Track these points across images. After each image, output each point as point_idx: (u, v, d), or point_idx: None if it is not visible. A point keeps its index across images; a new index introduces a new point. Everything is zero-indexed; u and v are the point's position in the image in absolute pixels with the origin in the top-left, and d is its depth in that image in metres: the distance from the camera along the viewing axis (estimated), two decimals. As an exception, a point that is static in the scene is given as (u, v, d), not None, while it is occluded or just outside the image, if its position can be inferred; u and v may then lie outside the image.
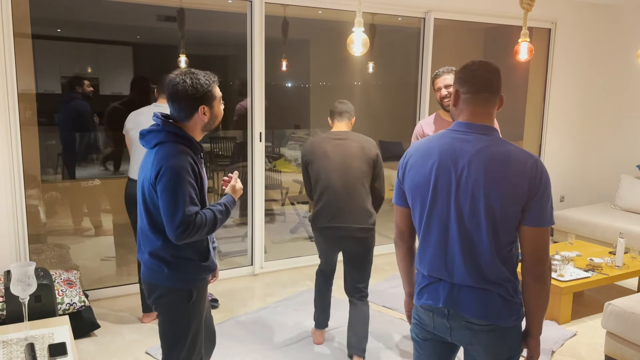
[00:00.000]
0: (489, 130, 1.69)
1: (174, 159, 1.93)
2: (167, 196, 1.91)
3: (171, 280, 2.03)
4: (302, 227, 5.77)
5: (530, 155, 1.63)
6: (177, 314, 2.08)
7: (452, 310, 1.68)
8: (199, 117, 2.03)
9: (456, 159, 1.65)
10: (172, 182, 1.90)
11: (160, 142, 1.99)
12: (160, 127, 2.00)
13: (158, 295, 2.07)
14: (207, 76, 2.02)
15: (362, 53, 2.76)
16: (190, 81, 1.98)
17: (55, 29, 5.09)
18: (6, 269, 3.22)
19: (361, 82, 6.80)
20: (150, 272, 2.06)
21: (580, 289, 3.74)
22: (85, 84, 4.88)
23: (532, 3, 3.23)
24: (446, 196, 1.66)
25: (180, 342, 2.09)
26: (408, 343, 3.36)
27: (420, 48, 5.03)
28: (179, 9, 4.66)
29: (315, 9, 4.65)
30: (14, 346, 2.16)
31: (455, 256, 1.67)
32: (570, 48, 5.76)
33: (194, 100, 1.99)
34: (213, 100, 2.04)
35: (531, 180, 1.58)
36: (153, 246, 2.03)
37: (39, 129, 4.15)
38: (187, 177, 1.93)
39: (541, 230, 1.61)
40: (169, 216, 1.91)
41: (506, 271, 1.65)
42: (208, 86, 2.01)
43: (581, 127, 6.04)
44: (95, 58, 5.57)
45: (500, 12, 5.16)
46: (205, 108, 2.02)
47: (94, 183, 5.18)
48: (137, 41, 5.65)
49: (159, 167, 1.93)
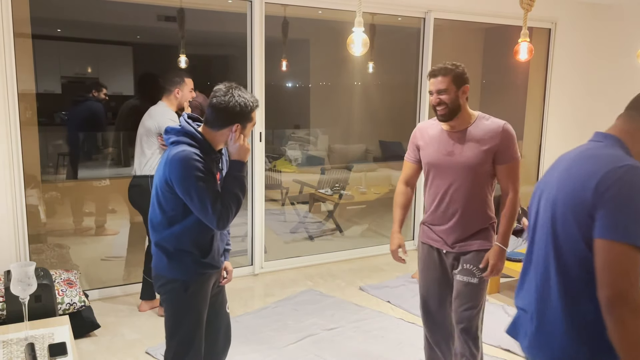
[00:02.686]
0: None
1: (182, 156, 2.01)
2: (191, 197, 2.00)
3: (170, 270, 2.14)
4: (302, 227, 5.77)
5: None
6: (175, 304, 2.18)
7: None
8: (229, 131, 2.09)
9: None
10: (187, 183, 1.99)
11: (175, 141, 2.09)
12: (179, 128, 2.10)
13: (160, 284, 2.19)
14: (252, 99, 2.11)
15: (362, 53, 2.76)
16: (238, 97, 2.06)
17: (55, 29, 5.09)
18: (6, 269, 3.22)
19: (361, 82, 6.81)
20: (156, 261, 2.19)
21: (580, 289, 3.73)
22: (102, 91, 4.94)
23: (532, 3, 3.23)
24: None
25: (177, 332, 2.19)
26: (408, 343, 3.36)
27: (420, 48, 5.03)
28: (179, 9, 4.66)
29: (315, 9, 4.65)
30: (14, 346, 2.16)
31: None
32: (570, 48, 5.76)
33: (233, 115, 2.06)
34: (248, 122, 2.11)
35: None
36: (158, 237, 2.15)
37: (39, 129, 4.15)
38: (197, 172, 2.00)
39: None
40: (202, 215, 2.03)
41: None
42: (250, 108, 2.09)
43: (581, 127, 6.04)
44: (95, 58, 5.58)
45: (500, 12, 5.16)
46: (238, 127, 2.09)
47: (105, 183, 5.20)
48: (137, 41, 5.66)
49: (170, 166, 2.02)
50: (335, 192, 5.91)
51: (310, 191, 6.15)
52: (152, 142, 3.47)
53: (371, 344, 3.33)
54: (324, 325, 3.57)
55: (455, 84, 2.40)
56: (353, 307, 3.88)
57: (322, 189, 6.02)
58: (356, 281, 4.43)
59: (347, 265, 4.84)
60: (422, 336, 2.66)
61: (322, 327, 3.55)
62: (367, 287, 4.26)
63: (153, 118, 3.45)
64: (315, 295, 4.08)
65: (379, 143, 7.31)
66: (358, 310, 3.82)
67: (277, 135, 7.13)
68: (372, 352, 3.23)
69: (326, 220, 5.97)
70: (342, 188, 6.03)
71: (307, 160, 7.01)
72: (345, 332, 3.49)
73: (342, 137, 7.31)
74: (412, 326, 3.59)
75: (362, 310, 3.83)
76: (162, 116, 3.43)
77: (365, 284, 4.36)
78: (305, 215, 6.15)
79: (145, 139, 3.48)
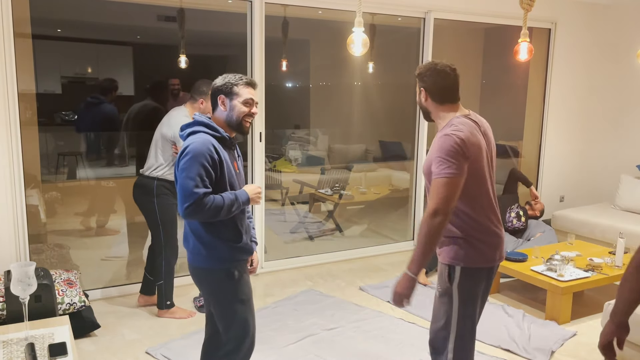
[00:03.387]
0: None
1: (195, 143, 2.11)
2: (181, 175, 2.09)
3: (210, 260, 2.19)
4: (302, 227, 5.77)
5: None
6: (223, 294, 2.23)
7: None
8: (218, 108, 2.23)
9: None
10: (187, 163, 2.08)
11: (191, 132, 2.20)
12: (195, 120, 2.23)
13: (201, 278, 2.23)
14: (237, 76, 2.23)
15: (362, 53, 2.77)
16: (220, 77, 2.24)
17: (55, 29, 5.09)
18: (6, 269, 3.22)
19: (361, 82, 6.80)
20: (194, 256, 2.22)
21: (580, 289, 3.74)
22: (114, 93, 4.97)
23: (532, 3, 3.23)
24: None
25: (233, 322, 2.24)
26: (408, 343, 3.36)
27: (420, 48, 5.03)
28: (179, 9, 4.66)
29: (315, 9, 4.65)
30: (14, 346, 2.16)
31: None
32: (570, 48, 5.76)
33: (214, 91, 2.23)
34: (234, 95, 2.21)
35: None
36: (193, 227, 2.20)
37: (39, 129, 4.15)
38: (203, 160, 2.09)
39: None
40: (180, 193, 2.09)
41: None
42: (231, 82, 2.21)
43: (581, 127, 6.04)
44: (95, 58, 5.57)
45: (500, 12, 5.16)
46: (222, 97, 2.21)
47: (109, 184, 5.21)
48: (137, 41, 5.65)
49: (182, 151, 2.13)
50: (335, 192, 5.91)
51: (310, 191, 6.15)
52: (166, 149, 3.47)
53: (371, 344, 3.33)
54: (324, 325, 3.57)
55: (418, 85, 2.28)
56: (353, 307, 3.88)
57: (322, 189, 6.02)
58: (356, 281, 4.43)
59: (347, 265, 4.84)
60: (427, 340, 2.50)
61: (322, 327, 3.55)
62: (367, 287, 4.26)
63: (171, 126, 3.42)
64: (315, 295, 4.08)
65: (379, 143, 7.31)
66: (358, 310, 3.83)
67: (277, 135, 7.12)
68: (372, 352, 3.23)
69: (326, 220, 5.97)
70: (342, 188, 6.03)
71: (307, 160, 7.01)
72: (345, 332, 3.49)
73: (342, 137, 7.30)
74: (412, 326, 3.59)
75: (362, 310, 3.83)
76: (179, 127, 3.38)
77: (365, 284, 4.36)
78: (305, 215, 6.15)
79: (160, 145, 3.48)
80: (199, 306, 3.83)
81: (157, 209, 3.47)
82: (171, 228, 3.56)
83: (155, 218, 3.50)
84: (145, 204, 3.51)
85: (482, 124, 2.25)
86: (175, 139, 3.40)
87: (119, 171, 5.39)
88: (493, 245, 2.22)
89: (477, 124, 2.20)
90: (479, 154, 2.15)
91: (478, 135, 2.17)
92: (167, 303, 3.65)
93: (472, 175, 2.14)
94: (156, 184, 3.46)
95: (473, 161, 2.12)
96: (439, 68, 2.21)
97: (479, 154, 2.14)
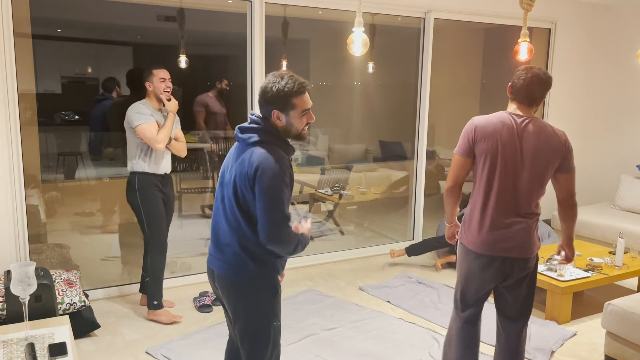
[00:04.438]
0: None
1: (275, 161, 1.93)
2: (267, 196, 1.90)
3: (257, 276, 2.02)
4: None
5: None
6: (264, 311, 2.06)
7: None
8: (274, 119, 2.02)
9: None
10: (272, 181, 1.90)
11: (258, 140, 1.98)
12: (262, 126, 2.00)
13: (243, 294, 2.04)
14: (287, 83, 1.98)
15: (362, 53, 2.77)
16: (267, 84, 2.00)
17: (55, 29, 5.09)
18: (6, 269, 3.22)
19: (361, 82, 6.80)
20: (231, 268, 2.03)
21: (580, 288, 3.74)
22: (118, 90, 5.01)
23: (532, 3, 3.23)
24: None
25: (269, 337, 2.08)
26: (408, 343, 3.36)
27: (420, 48, 5.03)
28: (179, 9, 4.66)
29: (315, 9, 4.65)
30: (14, 346, 2.16)
31: None
32: (570, 48, 5.76)
33: (263, 103, 2.02)
34: (289, 109, 2.00)
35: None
36: (243, 239, 2.00)
37: (39, 129, 4.15)
38: (282, 184, 1.93)
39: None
40: (269, 215, 1.91)
41: None
42: (282, 95, 1.97)
43: (581, 127, 6.04)
44: (95, 58, 5.57)
45: (500, 12, 5.16)
46: (277, 113, 2.00)
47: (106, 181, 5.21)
48: (137, 41, 5.65)
49: (262, 166, 1.92)
50: (335, 192, 5.91)
51: (310, 191, 6.15)
52: (130, 140, 3.46)
53: (371, 344, 3.33)
54: (324, 325, 3.57)
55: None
56: (353, 307, 3.88)
57: (322, 189, 6.02)
58: (356, 281, 4.43)
59: (347, 265, 4.84)
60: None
61: (322, 327, 3.55)
62: (367, 287, 4.26)
63: (126, 115, 3.44)
64: (315, 295, 4.08)
65: (379, 143, 7.31)
66: (358, 310, 3.83)
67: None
68: (372, 352, 3.23)
69: (326, 220, 5.97)
70: (342, 188, 6.03)
71: (307, 160, 7.01)
72: (345, 332, 3.49)
73: (342, 137, 7.30)
74: (412, 326, 3.59)
75: (362, 310, 3.83)
76: (130, 110, 3.42)
77: (365, 284, 4.36)
78: (306, 215, 6.15)
79: (129, 138, 3.49)
80: (199, 306, 3.83)
81: (141, 203, 3.46)
82: (156, 223, 3.51)
83: (140, 214, 3.49)
84: (130, 199, 3.51)
85: (527, 128, 2.40)
86: (129, 124, 3.38)
87: (119, 171, 5.40)
88: (482, 238, 2.45)
89: (517, 124, 2.40)
90: (496, 149, 2.38)
91: (505, 131, 2.38)
92: (154, 303, 3.57)
93: (482, 165, 2.43)
94: (137, 177, 3.44)
95: (483, 151, 2.40)
96: (518, 72, 2.52)
97: (495, 149, 2.38)
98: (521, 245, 2.41)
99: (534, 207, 2.43)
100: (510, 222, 2.40)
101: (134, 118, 3.36)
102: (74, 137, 5.43)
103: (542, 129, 2.40)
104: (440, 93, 5.50)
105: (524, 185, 2.38)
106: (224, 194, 2.06)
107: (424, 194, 5.25)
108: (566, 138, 2.43)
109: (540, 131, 2.40)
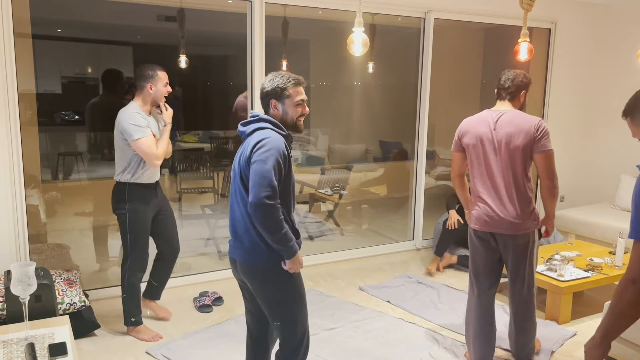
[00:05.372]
0: None
1: (272, 138, 2.13)
2: (260, 165, 2.07)
3: (272, 258, 2.17)
4: (302, 227, 5.77)
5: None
6: (288, 290, 2.23)
7: None
8: (270, 111, 2.26)
9: None
10: (266, 154, 2.08)
11: (258, 127, 2.21)
12: (259, 117, 2.25)
13: (263, 278, 2.21)
14: (284, 77, 2.24)
15: (362, 53, 2.77)
16: (267, 79, 2.25)
17: (55, 29, 5.09)
18: (6, 269, 3.22)
19: (361, 82, 6.80)
20: (251, 254, 2.19)
21: (580, 288, 3.74)
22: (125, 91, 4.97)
23: (532, 3, 3.23)
24: None
25: (299, 317, 2.27)
26: (408, 343, 3.36)
27: (420, 48, 5.03)
28: (179, 9, 4.66)
29: (315, 9, 4.65)
30: (14, 346, 2.16)
31: None
32: (570, 48, 5.76)
33: (264, 95, 2.26)
34: (285, 98, 2.23)
35: None
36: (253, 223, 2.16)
37: (39, 129, 4.15)
38: (279, 156, 2.10)
39: None
40: (258, 180, 2.06)
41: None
42: (280, 86, 2.22)
43: (581, 127, 6.04)
44: (95, 58, 5.57)
45: (500, 12, 5.16)
46: (274, 102, 2.24)
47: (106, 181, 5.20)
48: (137, 41, 5.65)
49: (257, 141, 2.12)
50: (335, 192, 5.91)
51: (310, 191, 6.15)
52: (126, 150, 3.17)
53: (371, 344, 3.33)
54: (324, 325, 3.57)
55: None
56: (353, 307, 3.88)
57: (322, 189, 6.02)
58: (356, 281, 4.43)
59: (347, 265, 4.84)
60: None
61: (322, 327, 3.55)
62: (367, 287, 4.26)
63: (118, 124, 3.15)
64: (315, 295, 4.08)
65: (379, 143, 7.31)
66: (358, 310, 3.83)
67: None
68: (372, 352, 3.23)
69: (326, 220, 5.97)
70: (342, 188, 6.03)
71: (307, 160, 7.01)
72: (346, 332, 3.49)
73: (342, 137, 7.30)
74: (412, 326, 3.59)
75: (362, 310, 3.83)
76: (124, 120, 3.12)
77: (365, 284, 4.36)
78: (305, 216, 6.15)
79: (120, 146, 3.20)
80: (199, 306, 3.83)
81: (128, 216, 3.22)
82: (140, 239, 3.29)
83: (125, 227, 3.26)
84: (117, 210, 3.27)
85: (501, 120, 2.79)
86: (124, 134, 3.11)
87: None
88: (476, 214, 2.88)
89: (492, 118, 2.81)
90: (475, 141, 2.83)
91: (481, 125, 2.81)
92: (131, 320, 3.36)
93: (469, 156, 2.89)
94: (128, 188, 3.21)
95: (466, 144, 2.88)
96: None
97: (474, 141, 2.84)
98: (509, 224, 2.76)
99: (520, 188, 2.77)
100: (497, 203, 2.78)
101: (131, 131, 3.08)
102: (74, 137, 5.43)
103: (516, 117, 2.76)
104: (441, 93, 5.50)
105: (504, 168, 2.76)
106: (234, 186, 2.24)
107: (424, 194, 5.25)
108: (540, 121, 2.74)
109: (512, 119, 2.76)
